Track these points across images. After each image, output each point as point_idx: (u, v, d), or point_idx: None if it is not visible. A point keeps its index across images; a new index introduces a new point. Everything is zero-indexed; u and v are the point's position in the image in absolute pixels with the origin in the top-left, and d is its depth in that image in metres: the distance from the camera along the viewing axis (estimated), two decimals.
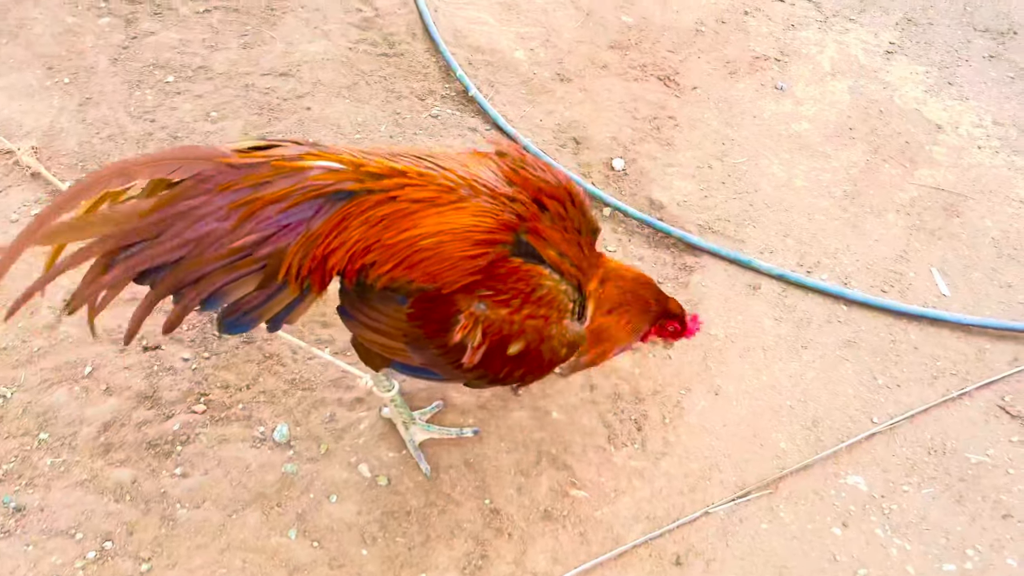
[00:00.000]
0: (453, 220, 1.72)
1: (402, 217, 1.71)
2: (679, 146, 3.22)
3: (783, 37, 3.71)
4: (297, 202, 1.66)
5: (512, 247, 1.75)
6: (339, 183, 1.68)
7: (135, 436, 2.30)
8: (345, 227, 1.69)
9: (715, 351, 2.65)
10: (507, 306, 1.74)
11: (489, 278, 1.73)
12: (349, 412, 2.39)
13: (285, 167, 1.66)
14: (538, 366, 1.85)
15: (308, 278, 1.73)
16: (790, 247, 2.94)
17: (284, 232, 1.67)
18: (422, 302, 1.76)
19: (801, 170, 3.19)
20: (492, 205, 1.75)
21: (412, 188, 1.72)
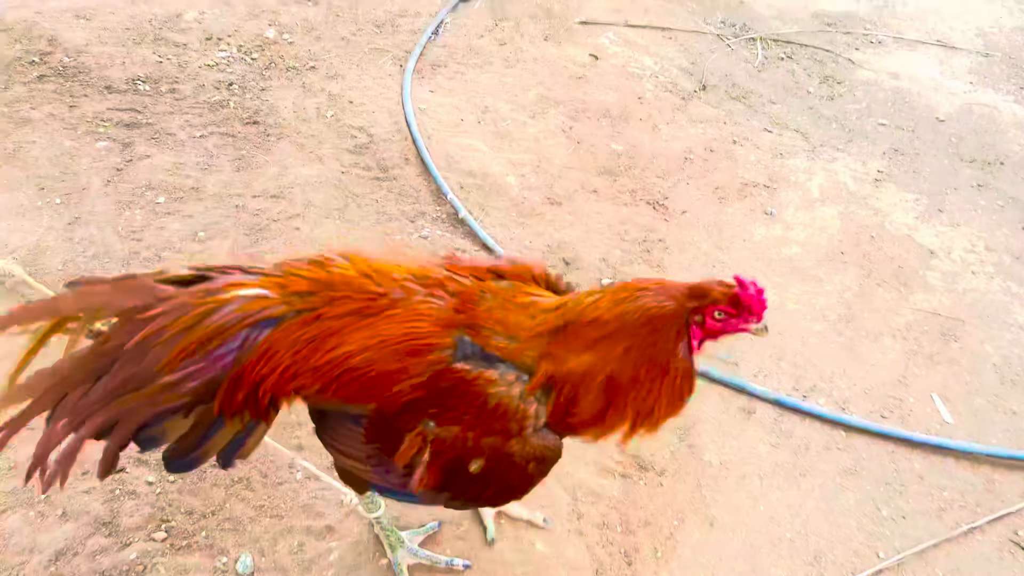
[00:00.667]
0: (382, 331, 1.60)
1: (328, 335, 1.61)
2: (669, 268, 3.18)
3: (771, 165, 3.75)
4: (223, 339, 1.58)
5: (453, 350, 1.57)
6: (264, 310, 1.60)
7: (88, 566, 2.15)
8: (273, 353, 1.60)
9: (709, 478, 2.52)
10: (458, 423, 1.57)
11: (434, 394, 1.57)
12: (318, 541, 2.25)
13: (209, 303, 1.58)
14: (507, 486, 1.69)
15: (245, 409, 1.64)
16: (784, 371, 2.85)
17: (211, 365, 1.58)
18: (371, 423, 1.66)
19: (793, 293, 3.14)
20: (426, 305, 1.61)
21: (339, 301, 1.62)
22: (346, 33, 4.32)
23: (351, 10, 4.49)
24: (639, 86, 4.15)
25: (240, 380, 1.60)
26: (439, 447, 1.60)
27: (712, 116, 4.01)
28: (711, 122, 3.97)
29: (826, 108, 4.18)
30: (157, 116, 3.62)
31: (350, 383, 1.61)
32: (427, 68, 4.11)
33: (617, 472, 2.51)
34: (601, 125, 3.85)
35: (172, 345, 1.55)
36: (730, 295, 1.49)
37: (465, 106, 3.87)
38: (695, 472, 2.53)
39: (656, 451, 2.57)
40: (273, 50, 4.12)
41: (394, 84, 3.96)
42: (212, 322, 1.57)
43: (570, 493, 2.43)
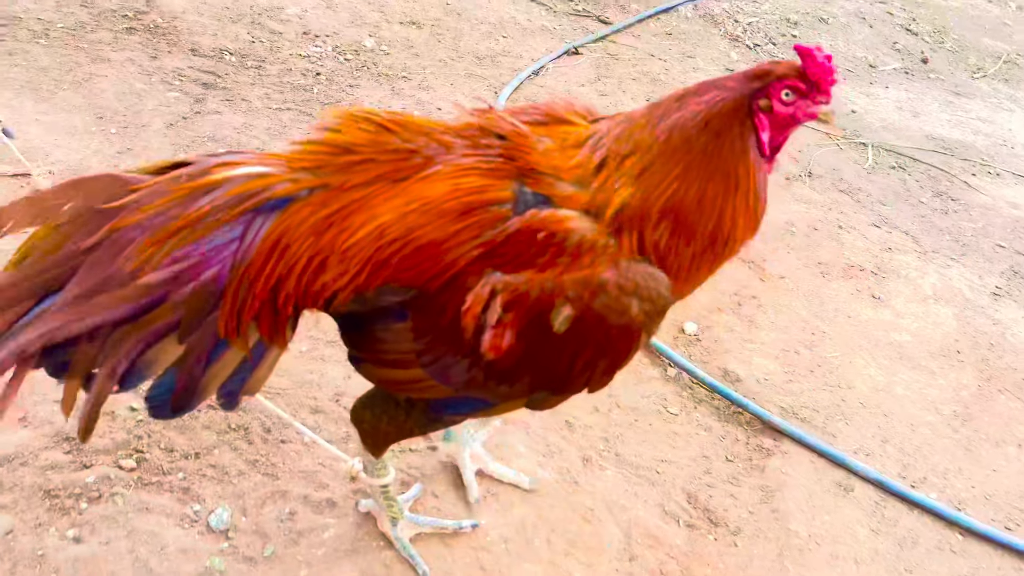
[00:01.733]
0: (421, 193, 1.22)
1: (354, 211, 1.23)
2: (762, 325, 2.79)
3: (880, 256, 3.40)
4: (217, 223, 1.20)
5: (514, 203, 1.21)
6: (267, 190, 1.22)
7: (34, 480, 1.74)
8: (286, 245, 1.22)
9: (794, 550, 2.04)
10: (531, 266, 1.19)
11: (494, 248, 1.20)
12: (315, 514, 1.82)
13: (196, 185, 1.21)
14: (607, 340, 1.22)
15: (257, 327, 1.25)
16: (890, 454, 2.40)
17: (205, 263, 1.20)
18: (420, 308, 1.26)
19: (902, 379, 2.71)
20: (471, 157, 1.24)
21: (360, 167, 1.25)
22: (444, 57, 4.16)
23: (454, 40, 4.35)
24: None
25: (250, 285, 1.22)
26: (512, 296, 1.18)
27: (818, 200, 3.70)
28: (816, 205, 3.66)
29: (939, 220, 3.85)
30: (236, 84, 3.42)
31: (388, 263, 1.23)
32: (522, 100, 3.90)
33: (682, 519, 2.05)
34: None
35: (151, 234, 1.17)
36: (797, 67, 1.21)
37: None
38: (777, 539, 2.06)
39: (731, 507, 2.12)
40: (368, 56, 3.97)
41: None
42: (200, 206, 1.19)
43: (623, 530, 1.98)
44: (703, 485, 2.16)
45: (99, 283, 1.16)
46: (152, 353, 1.22)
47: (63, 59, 3.24)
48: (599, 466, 2.13)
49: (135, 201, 1.18)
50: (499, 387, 1.30)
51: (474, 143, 1.27)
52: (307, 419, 2.01)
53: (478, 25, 4.53)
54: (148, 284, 1.17)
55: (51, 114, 2.92)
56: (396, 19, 4.37)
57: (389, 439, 1.57)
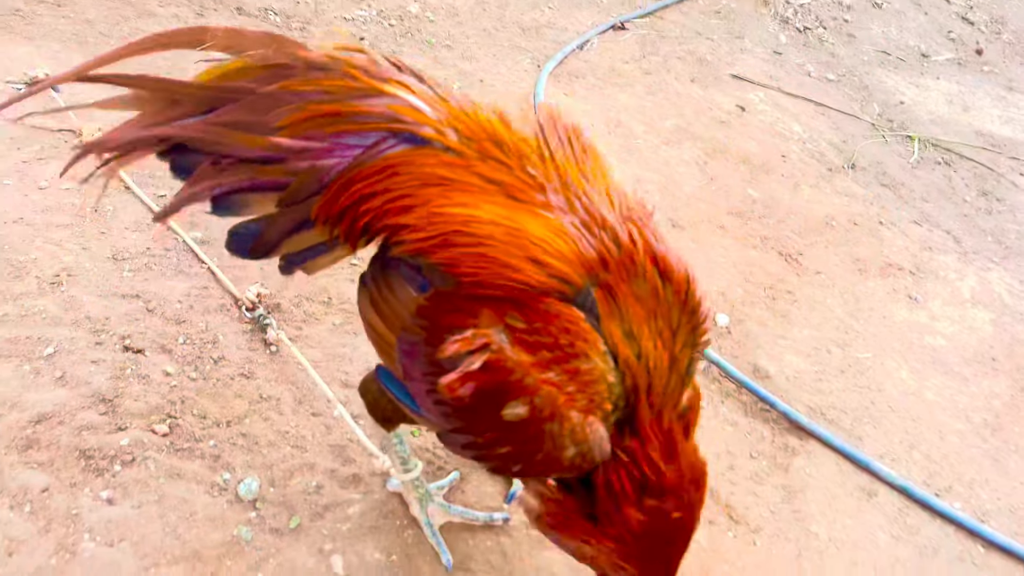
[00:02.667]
0: (519, 219, 1.26)
1: (464, 190, 1.29)
2: (795, 321, 2.77)
3: (919, 255, 3.34)
4: (360, 126, 1.30)
5: (576, 292, 1.25)
6: (415, 124, 1.30)
7: (70, 439, 1.78)
8: (396, 174, 1.29)
9: (814, 552, 2.04)
10: (533, 352, 1.22)
11: (529, 307, 1.24)
12: (341, 489, 1.84)
13: (363, 85, 1.31)
14: (529, 454, 1.27)
15: (339, 221, 1.33)
16: (916, 461, 2.38)
17: (329, 152, 1.31)
18: (440, 296, 1.30)
19: (933, 384, 2.68)
20: (578, 232, 1.27)
21: (495, 165, 1.30)
22: (488, 27, 4.12)
23: (499, 9, 4.30)
24: (784, 146, 3.82)
25: (348, 187, 1.30)
26: (495, 363, 1.21)
27: (859, 194, 3.64)
28: (857, 199, 3.60)
29: (982, 220, 3.77)
30: None
31: (453, 247, 1.26)
32: (565, 75, 3.86)
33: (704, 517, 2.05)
34: (739, 169, 3.51)
35: (303, 104, 1.29)
36: None
37: (597, 115, 3.59)
38: (798, 541, 2.06)
39: (752, 506, 2.12)
40: (413, 22, 3.93)
41: (528, 79, 3.71)
42: (355, 104, 1.29)
43: None
44: (726, 481, 2.16)
45: (245, 122, 1.29)
46: (252, 198, 1.35)
47: (110, 12, 3.24)
48: None
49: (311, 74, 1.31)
50: (431, 406, 1.34)
51: (589, 225, 1.29)
52: (337, 393, 2.03)
53: None
54: (279, 145, 1.29)
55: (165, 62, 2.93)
56: None
57: (389, 417, 1.59)
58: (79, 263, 2.17)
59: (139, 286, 2.17)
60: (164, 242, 2.33)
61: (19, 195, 2.31)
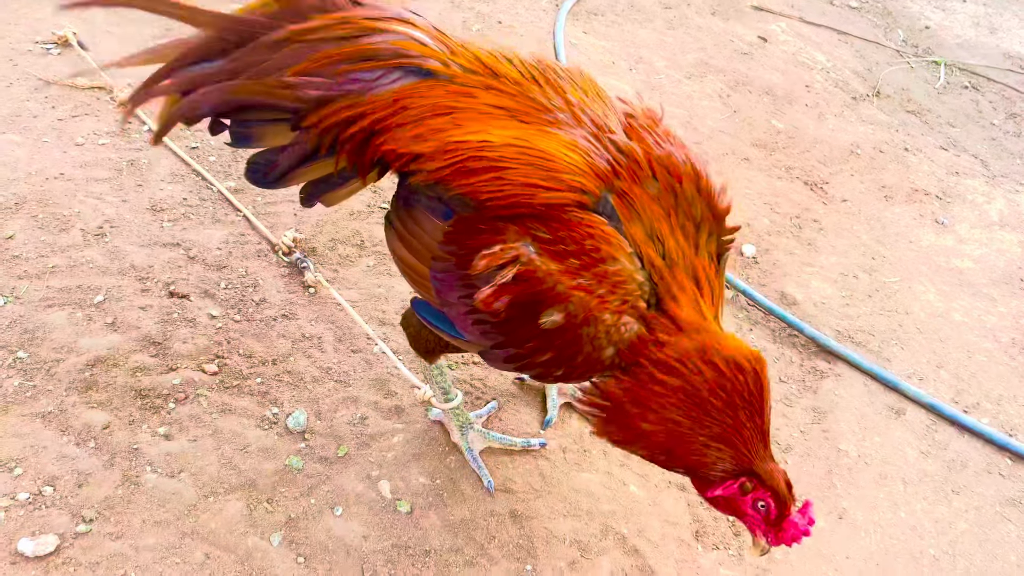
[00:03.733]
0: (531, 139, 1.32)
1: (474, 118, 1.34)
2: (821, 249, 2.79)
3: (946, 179, 3.33)
4: (369, 63, 1.36)
5: (595, 200, 1.31)
6: (420, 58, 1.37)
7: (125, 380, 1.86)
8: (406, 107, 1.35)
9: (843, 469, 2.10)
10: (561, 260, 1.27)
11: (552, 219, 1.29)
12: (384, 419, 1.92)
13: (367, 26, 1.38)
14: (570, 357, 1.33)
15: (353, 153, 1.40)
16: (944, 379, 2.42)
17: (341, 85, 1.36)
18: (465, 221, 1.35)
19: (961, 305, 2.71)
20: (589, 144, 1.33)
21: (498, 92, 1.37)
22: None
23: None
24: (808, 75, 3.79)
25: (359, 120, 1.35)
26: (526, 274, 1.28)
27: (884, 121, 3.62)
28: (882, 126, 3.58)
29: (1011, 143, 3.74)
30: None
31: (474, 172, 1.32)
32: (584, 12, 3.84)
33: None
34: (762, 101, 3.50)
35: (311, 51, 1.35)
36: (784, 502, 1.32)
37: (618, 52, 3.58)
38: (827, 459, 2.12)
39: (783, 427, 2.17)
40: None
41: (548, 18, 3.70)
42: (364, 42, 1.36)
43: None
44: None
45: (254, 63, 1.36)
46: (266, 129, 1.41)
47: None
48: None
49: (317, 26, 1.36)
50: (470, 326, 1.39)
51: (599, 136, 1.34)
52: (376, 331, 2.10)
53: None
54: (288, 82, 1.35)
55: (123, 26, 2.97)
56: None
57: (431, 348, 1.65)
58: (120, 215, 2.24)
59: (179, 235, 2.24)
60: (199, 193, 2.39)
61: (58, 152, 2.38)
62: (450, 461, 1.87)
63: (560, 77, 1.41)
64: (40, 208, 2.20)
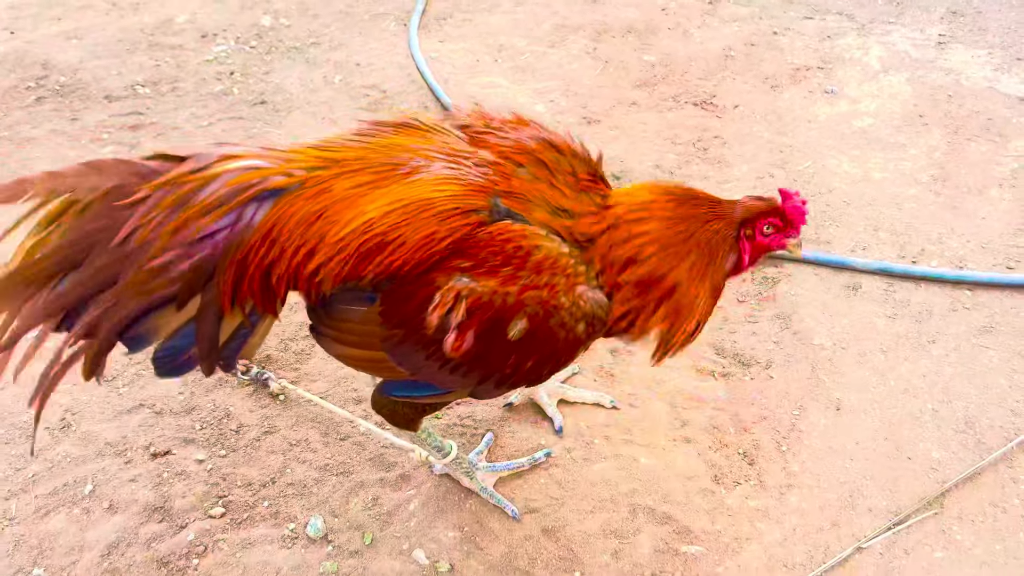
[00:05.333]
0: (405, 195, 1.36)
1: (343, 208, 1.36)
2: (732, 162, 2.87)
3: (820, 48, 3.42)
4: (218, 212, 1.35)
5: (489, 212, 1.36)
6: (263, 181, 1.36)
7: (144, 555, 1.89)
8: (279, 232, 1.36)
9: (824, 362, 2.19)
10: (495, 275, 1.34)
11: (466, 248, 1.34)
12: (395, 492, 1.97)
13: (200, 178, 1.35)
14: (552, 350, 1.40)
15: (251, 300, 1.40)
16: (884, 240, 2.52)
17: (204, 244, 1.35)
18: (392, 294, 1.39)
19: (876, 163, 2.80)
20: (453, 171, 1.38)
21: (350, 174, 1.39)
22: (343, 7, 4.10)
23: None
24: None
25: (244, 264, 1.36)
26: (475, 304, 1.33)
27: (746, 14, 3.70)
28: (746, 20, 3.66)
29: None
30: (160, 114, 3.42)
31: (373, 253, 1.36)
32: (432, 22, 3.87)
33: (717, 372, 2.20)
34: (627, 41, 3.57)
35: (158, 228, 1.32)
36: (778, 207, 1.45)
37: (479, 48, 3.62)
38: (807, 358, 2.20)
39: (756, 344, 2.26)
40: (271, 36, 3.92)
41: (400, 42, 3.73)
42: (202, 198, 1.34)
43: (667, 401, 2.13)
44: (725, 334, 2.30)
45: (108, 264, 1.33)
46: (155, 322, 1.38)
47: None
48: (627, 352, 2.26)
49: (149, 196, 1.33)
50: (450, 377, 1.43)
51: (455, 161, 1.40)
52: (355, 410, 2.14)
53: None
54: (153, 269, 1.33)
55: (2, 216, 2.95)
56: None
57: (411, 418, 1.70)
58: (76, 400, 2.25)
59: (138, 395, 2.26)
60: None
61: None
62: (470, 505, 1.92)
63: (390, 130, 1.46)
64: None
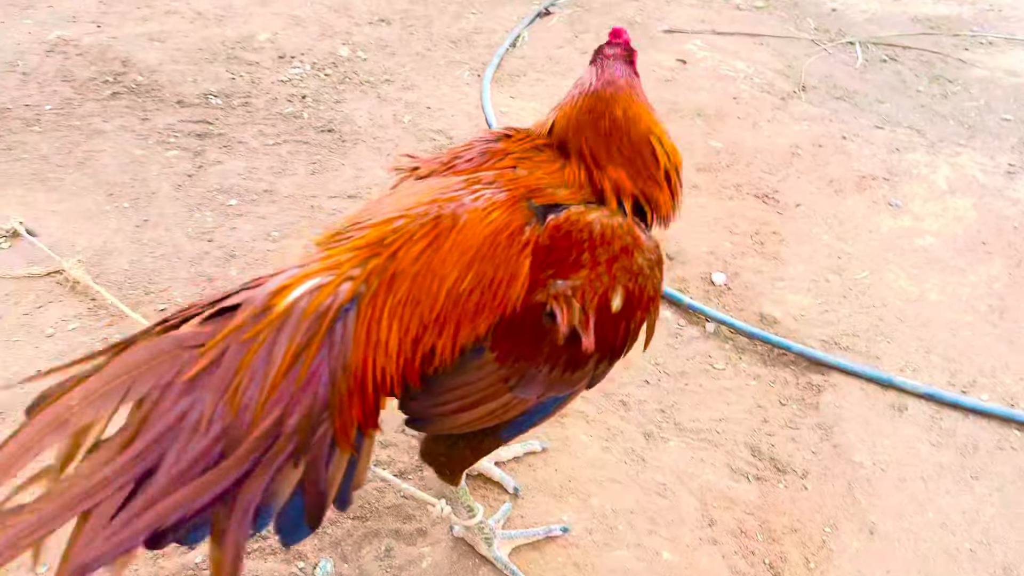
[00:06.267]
0: (467, 241, 1.35)
1: (422, 281, 1.32)
2: (787, 260, 2.84)
3: (888, 159, 3.41)
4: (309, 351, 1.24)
5: (535, 216, 1.40)
6: (335, 299, 1.27)
7: (149, 572, 1.86)
8: (377, 336, 1.29)
9: (862, 481, 2.13)
10: (581, 266, 1.37)
11: (542, 258, 1.37)
12: (408, 546, 1.92)
13: (267, 323, 1.23)
14: (647, 304, 1.45)
15: (358, 420, 1.30)
16: (936, 364, 2.46)
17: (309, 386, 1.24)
18: (501, 335, 1.37)
19: (934, 284, 2.76)
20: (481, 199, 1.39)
21: (403, 250, 1.33)
22: (420, 49, 4.17)
23: (425, 28, 4.35)
24: (733, 87, 3.88)
25: (362, 385, 1.28)
26: (584, 298, 1.37)
27: (816, 114, 3.71)
28: (816, 120, 3.66)
29: (940, 106, 3.84)
30: (229, 127, 3.46)
31: (476, 309, 1.34)
32: (506, 77, 3.92)
33: (751, 474, 2.14)
34: (696, 123, 3.58)
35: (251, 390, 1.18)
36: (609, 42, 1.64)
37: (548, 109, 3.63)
38: (844, 474, 2.14)
39: (794, 452, 2.20)
40: (347, 66, 3.98)
41: (472, 92, 3.76)
42: (286, 340, 1.22)
43: (698, 497, 2.07)
44: (763, 435, 2.25)
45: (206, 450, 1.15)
46: (277, 486, 1.22)
47: (60, 142, 3.29)
48: (661, 439, 2.22)
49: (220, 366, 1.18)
50: (574, 375, 1.43)
51: (475, 191, 1.40)
52: (380, 454, 2.11)
53: (446, 7, 4.52)
54: (262, 434, 1.18)
55: (64, 202, 2.99)
56: (364, 20, 4.37)
57: (466, 464, 1.66)
58: None
59: None
60: None
61: (31, 348, 2.38)
62: (483, 574, 1.87)
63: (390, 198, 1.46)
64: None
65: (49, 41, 3.90)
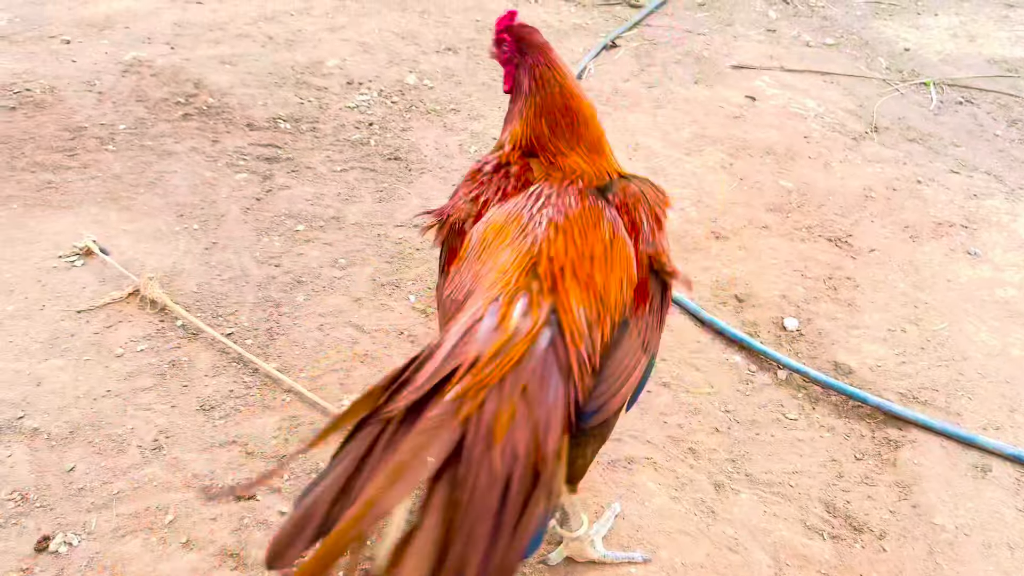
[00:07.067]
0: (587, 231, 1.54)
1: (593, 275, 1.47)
2: (862, 307, 2.76)
3: (966, 205, 3.32)
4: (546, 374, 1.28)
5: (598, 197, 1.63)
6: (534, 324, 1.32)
7: None
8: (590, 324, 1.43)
9: (944, 545, 2.04)
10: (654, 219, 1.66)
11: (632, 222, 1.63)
12: None
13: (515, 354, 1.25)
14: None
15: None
16: (1021, 424, 2.37)
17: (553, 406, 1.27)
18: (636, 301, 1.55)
19: (1017, 338, 2.66)
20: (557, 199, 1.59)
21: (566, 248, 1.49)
22: (486, 79, 4.18)
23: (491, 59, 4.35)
24: (803, 126, 3.81)
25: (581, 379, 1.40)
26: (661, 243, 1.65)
27: (889, 157, 3.62)
28: (889, 162, 3.58)
29: (1019, 151, 3.73)
30: (297, 152, 3.49)
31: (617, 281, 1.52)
32: None
33: (826, 532, 2.07)
34: (765, 163, 3.52)
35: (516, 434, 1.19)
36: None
37: (613, 142, 3.58)
38: (925, 537, 2.05)
39: (871, 510, 2.12)
40: (413, 94, 4.00)
41: None
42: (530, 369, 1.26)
43: (770, 554, 2.00)
44: (838, 491, 2.17)
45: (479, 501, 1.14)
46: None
47: (132, 162, 3.35)
48: (732, 490, 2.15)
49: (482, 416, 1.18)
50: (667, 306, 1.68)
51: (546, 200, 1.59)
52: None
53: None
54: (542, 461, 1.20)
55: (136, 221, 3.03)
56: (432, 49, 4.40)
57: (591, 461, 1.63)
58: (172, 423, 2.25)
59: (232, 430, 2.24)
60: (243, 380, 2.40)
61: (101, 368, 2.40)
62: None
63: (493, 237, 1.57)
64: (94, 432, 2.21)
65: (125, 61, 3.99)
